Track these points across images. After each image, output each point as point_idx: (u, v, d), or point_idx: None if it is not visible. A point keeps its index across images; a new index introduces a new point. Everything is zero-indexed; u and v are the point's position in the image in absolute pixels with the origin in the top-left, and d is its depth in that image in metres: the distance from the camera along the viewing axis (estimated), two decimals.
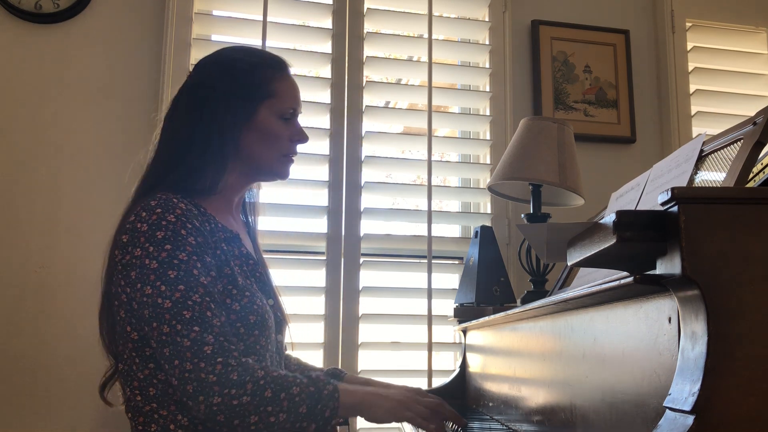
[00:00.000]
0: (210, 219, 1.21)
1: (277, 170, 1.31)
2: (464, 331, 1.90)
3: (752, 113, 0.96)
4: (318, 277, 2.17)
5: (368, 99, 2.30)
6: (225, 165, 1.25)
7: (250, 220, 1.42)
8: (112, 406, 1.24)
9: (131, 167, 1.33)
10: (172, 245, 1.10)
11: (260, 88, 1.27)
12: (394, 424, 1.29)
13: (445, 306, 2.19)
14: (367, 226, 2.23)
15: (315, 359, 2.10)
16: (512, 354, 1.37)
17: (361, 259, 2.20)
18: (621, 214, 0.66)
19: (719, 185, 0.94)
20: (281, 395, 1.05)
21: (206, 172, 1.22)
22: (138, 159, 1.33)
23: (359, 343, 2.14)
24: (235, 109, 1.24)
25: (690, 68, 2.54)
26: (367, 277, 2.20)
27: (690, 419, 0.60)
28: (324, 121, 2.25)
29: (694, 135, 2.44)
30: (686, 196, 0.64)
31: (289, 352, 1.45)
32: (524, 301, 1.84)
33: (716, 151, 1.01)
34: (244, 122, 1.25)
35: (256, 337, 1.16)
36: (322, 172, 2.22)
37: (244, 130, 1.25)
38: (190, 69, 2.12)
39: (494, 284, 1.93)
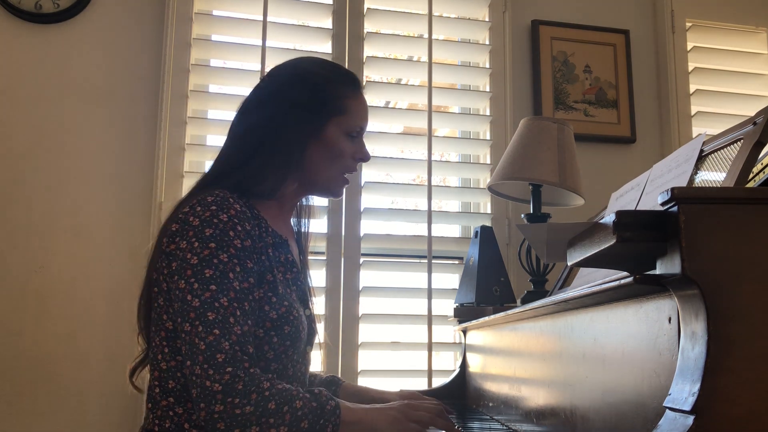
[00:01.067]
0: (262, 222, 1.22)
1: (333, 189, 1.33)
2: (464, 331, 1.90)
3: (752, 113, 0.96)
4: (318, 277, 2.17)
5: (368, 99, 2.28)
6: (288, 174, 1.26)
7: (303, 223, 1.43)
8: (141, 392, 1.24)
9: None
10: (217, 244, 1.10)
11: (332, 104, 1.27)
12: None
13: (445, 306, 2.19)
14: (367, 226, 2.23)
15: (315, 359, 2.09)
16: (512, 354, 1.37)
17: (361, 259, 2.20)
18: (621, 214, 0.66)
19: (719, 185, 0.94)
20: (284, 408, 1.05)
21: (268, 177, 1.24)
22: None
23: (359, 343, 2.14)
24: (304, 121, 1.25)
25: (690, 68, 2.54)
26: (367, 277, 2.20)
27: (690, 419, 0.60)
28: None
29: (694, 135, 2.44)
30: (686, 196, 0.64)
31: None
32: (524, 301, 1.84)
33: (716, 151, 1.01)
34: (312, 135, 1.26)
35: (287, 347, 1.17)
36: None
37: (311, 143, 1.26)
38: (190, 69, 2.14)
39: (494, 284, 1.93)
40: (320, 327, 2.13)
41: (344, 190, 1.36)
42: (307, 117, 1.25)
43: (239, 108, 1.31)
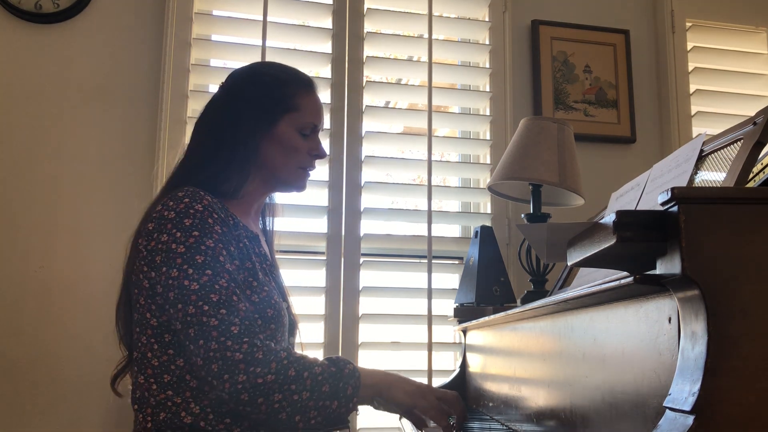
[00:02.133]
0: (233, 217, 1.26)
1: (294, 182, 1.37)
2: (464, 331, 1.90)
3: (752, 113, 0.96)
4: (318, 277, 2.17)
5: (368, 99, 2.30)
6: (248, 171, 1.31)
7: (267, 222, 1.47)
8: (122, 397, 1.27)
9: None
10: (200, 232, 1.14)
11: (284, 101, 1.33)
12: (394, 424, 1.30)
13: (445, 306, 2.19)
14: (367, 226, 2.23)
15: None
16: (512, 354, 1.37)
17: (361, 259, 2.20)
18: (621, 214, 0.66)
19: (719, 185, 0.94)
20: (304, 374, 1.08)
21: (231, 176, 1.28)
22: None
23: (359, 343, 2.14)
24: (258, 119, 1.31)
25: (690, 68, 2.54)
26: (367, 277, 2.20)
27: (690, 419, 0.60)
28: (324, 121, 2.24)
29: (694, 135, 2.44)
30: (686, 196, 0.64)
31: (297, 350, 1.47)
32: (524, 301, 1.84)
33: (716, 151, 1.01)
34: (265, 132, 1.31)
35: (273, 330, 1.20)
36: (322, 172, 2.22)
37: (266, 140, 1.31)
38: (190, 69, 2.14)
39: (494, 284, 1.93)
40: (320, 327, 2.14)
41: (306, 182, 1.39)
42: (260, 115, 1.31)
43: (201, 112, 1.36)
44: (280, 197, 2.15)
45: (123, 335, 1.27)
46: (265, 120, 1.31)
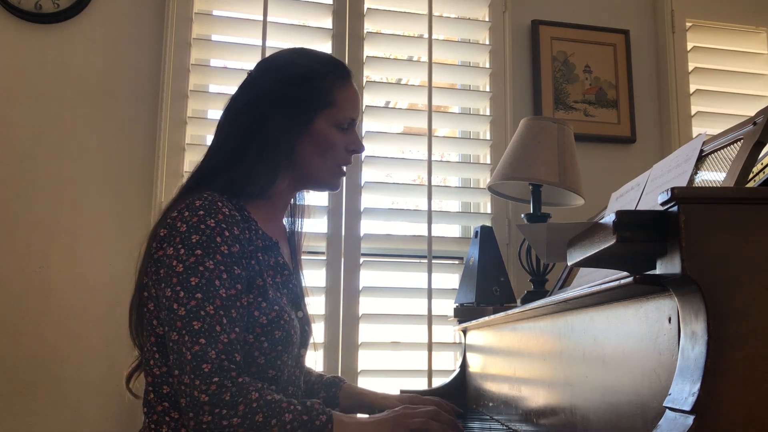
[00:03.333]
0: (251, 225, 1.20)
1: (329, 181, 1.30)
2: (464, 331, 1.90)
3: (752, 113, 0.96)
4: (318, 277, 2.17)
5: (368, 99, 2.30)
6: (278, 171, 1.22)
7: (297, 223, 1.40)
8: (138, 398, 1.22)
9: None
10: (203, 251, 1.08)
11: (319, 97, 1.24)
12: None
13: (445, 306, 2.19)
14: (367, 226, 2.23)
15: (315, 359, 2.10)
16: (512, 354, 1.37)
17: (361, 259, 2.20)
18: (621, 214, 0.66)
19: (719, 185, 0.94)
20: (272, 421, 1.03)
21: (259, 176, 1.21)
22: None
23: (359, 343, 2.14)
24: (292, 117, 1.22)
25: (690, 68, 2.54)
26: (367, 277, 2.20)
27: (690, 419, 0.60)
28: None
29: (694, 135, 2.44)
30: (686, 196, 0.64)
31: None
32: (524, 301, 1.84)
33: (716, 151, 1.01)
34: (300, 131, 1.23)
35: (279, 352, 1.15)
36: None
37: (301, 139, 1.23)
38: (190, 69, 2.14)
39: (494, 284, 1.93)
40: (320, 327, 2.14)
41: (342, 181, 1.33)
42: (294, 113, 1.22)
43: (226, 105, 1.28)
44: None
45: (135, 335, 1.22)
46: (301, 118, 1.22)
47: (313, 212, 1.45)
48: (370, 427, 1.11)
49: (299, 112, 1.23)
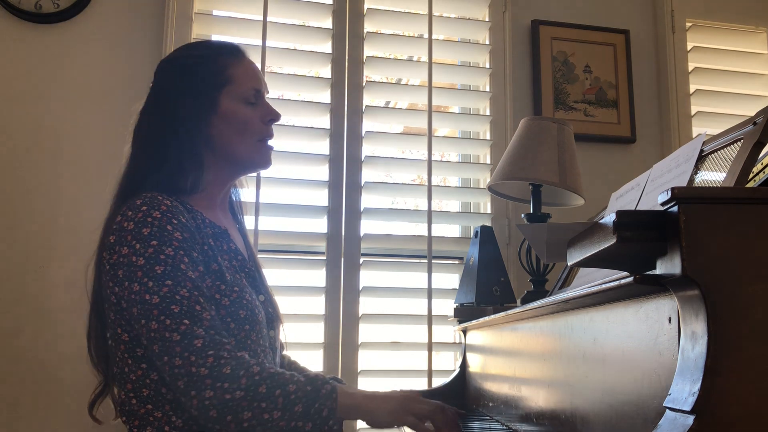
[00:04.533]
0: (197, 215, 1.21)
1: (256, 159, 1.30)
2: (464, 331, 1.90)
3: (752, 113, 0.96)
4: (318, 277, 2.17)
5: (368, 99, 2.30)
6: (202, 162, 1.24)
7: (239, 216, 1.41)
8: (101, 424, 1.23)
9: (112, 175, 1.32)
10: (159, 241, 1.09)
11: (215, 78, 1.26)
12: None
13: (445, 306, 2.19)
14: (367, 226, 2.23)
15: (315, 359, 2.10)
16: (512, 354, 1.37)
17: (361, 259, 2.19)
18: (621, 214, 0.66)
19: (719, 185, 0.94)
20: (276, 392, 1.02)
21: (186, 171, 1.22)
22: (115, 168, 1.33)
23: (359, 343, 2.14)
24: (196, 104, 1.24)
25: (690, 68, 2.54)
26: (367, 277, 2.20)
27: (690, 419, 0.60)
28: (324, 121, 2.25)
29: (694, 135, 2.44)
30: (686, 196, 0.64)
31: (286, 352, 1.45)
32: (524, 301, 1.84)
33: (716, 151, 1.01)
34: (208, 115, 1.24)
35: (247, 332, 1.15)
36: (322, 172, 2.22)
37: (212, 123, 1.25)
38: None
39: (494, 284, 1.93)
40: (320, 327, 2.14)
41: (270, 156, 1.32)
42: (197, 101, 1.24)
43: (138, 114, 1.31)
44: (274, 198, 2.17)
45: (97, 359, 1.22)
46: (204, 102, 1.24)
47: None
48: (376, 401, 1.11)
49: (201, 96, 1.24)
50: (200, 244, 1.16)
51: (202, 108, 1.24)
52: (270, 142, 1.32)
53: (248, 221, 1.48)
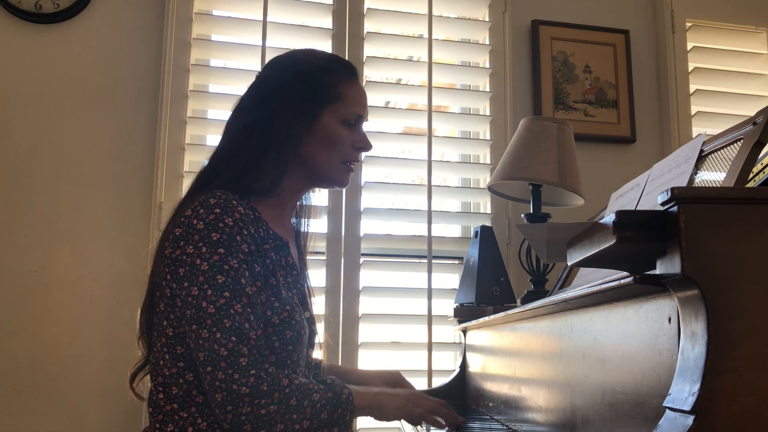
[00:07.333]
0: (262, 225, 1.20)
1: (337, 178, 1.29)
2: (464, 331, 1.90)
3: (752, 113, 0.96)
4: (318, 277, 2.17)
5: (368, 99, 2.29)
6: (285, 167, 1.23)
7: (303, 223, 1.40)
8: (143, 400, 1.22)
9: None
10: (226, 250, 1.09)
11: (325, 92, 1.25)
12: (394, 424, 1.30)
13: (445, 306, 2.19)
14: (367, 226, 2.23)
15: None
16: (512, 354, 1.37)
17: (361, 259, 2.20)
18: (621, 214, 0.66)
19: (719, 185, 0.94)
20: (304, 403, 1.07)
21: (266, 172, 1.22)
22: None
23: (359, 343, 2.14)
24: (297, 111, 1.23)
25: (690, 68, 2.54)
26: (367, 277, 2.20)
27: (690, 419, 0.60)
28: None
29: (694, 135, 2.44)
30: (686, 196, 0.64)
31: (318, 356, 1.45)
32: (524, 301, 1.84)
33: (716, 151, 1.01)
34: (306, 125, 1.23)
35: (289, 352, 1.16)
36: None
37: (306, 134, 1.24)
38: (190, 69, 2.14)
39: (494, 284, 1.93)
40: (320, 327, 2.14)
41: (349, 178, 1.33)
42: (299, 107, 1.23)
43: (235, 105, 1.30)
44: None
45: (144, 333, 1.22)
46: (306, 113, 1.23)
47: (317, 212, 1.45)
48: (384, 398, 1.18)
49: (305, 107, 1.24)
50: (263, 257, 1.16)
51: (302, 116, 1.23)
52: (352, 166, 1.32)
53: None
